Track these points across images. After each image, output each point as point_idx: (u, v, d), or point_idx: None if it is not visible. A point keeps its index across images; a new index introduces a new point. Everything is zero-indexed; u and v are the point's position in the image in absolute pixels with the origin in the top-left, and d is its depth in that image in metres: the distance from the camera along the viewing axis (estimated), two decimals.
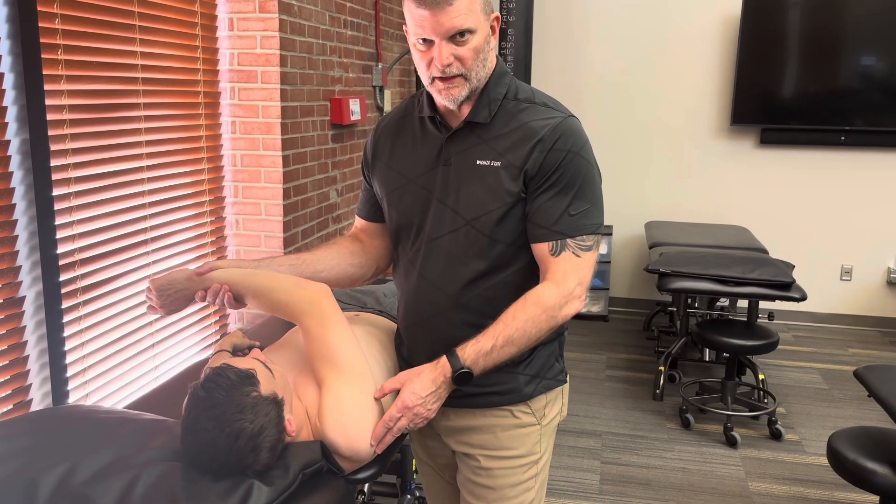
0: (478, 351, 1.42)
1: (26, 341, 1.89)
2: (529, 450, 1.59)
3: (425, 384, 1.43)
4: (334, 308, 1.57)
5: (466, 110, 1.48)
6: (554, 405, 1.62)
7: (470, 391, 1.55)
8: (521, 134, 1.45)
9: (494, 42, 1.47)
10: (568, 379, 1.67)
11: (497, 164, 1.45)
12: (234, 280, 1.58)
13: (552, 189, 1.43)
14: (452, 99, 1.43)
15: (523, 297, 1.44)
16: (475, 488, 1.61)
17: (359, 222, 1.74)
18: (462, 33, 1.37)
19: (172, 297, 1.61)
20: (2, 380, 1.81)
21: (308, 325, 1.54)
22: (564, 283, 1.43)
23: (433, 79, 1.42)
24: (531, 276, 1.51)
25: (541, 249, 1.45)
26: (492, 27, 1.44)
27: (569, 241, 1.43)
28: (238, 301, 1.60)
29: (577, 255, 1.44)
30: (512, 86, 1.50)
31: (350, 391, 1.46)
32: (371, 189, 1.67)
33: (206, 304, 1.62)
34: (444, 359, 1.44)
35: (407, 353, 1.63)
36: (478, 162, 1.46)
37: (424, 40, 1.39)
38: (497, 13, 1.45)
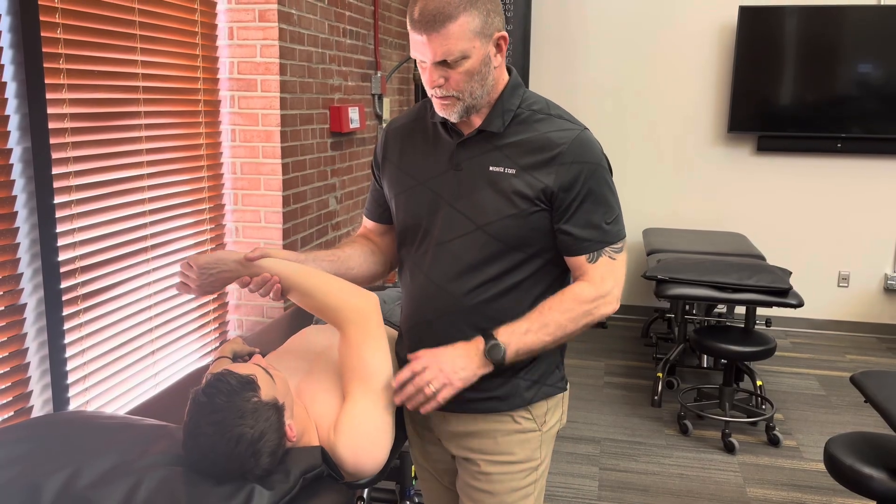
0: (511, 331, 1.46)
1: (27, 348, 1.90)
2: (529, 455, 1.60)
3: (457, 350, 1.47)
4: (379, 322, 1.58)
5: (478, 120, 1.50)
6: (554, 412, 1.63)
7: (471, 396, 1.56)
8: (538, 144, 1.47)
9: (500, 60, 1.47)
10: (568, 387, 1.69)
11: (511, 171, 1.47)
12: (286, 274, 1.55)
13: (585, 202, 1.47)
14: (447, 115, 1.47)
15: (560, 293, 1.49)
16: (474, 493, 1.62)
17: (368, 223, 1.76)
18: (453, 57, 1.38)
19: (214, 276, 1.56)
20: (3, 386, 1.82)
21: (351, 335, 1.54)
22: (602, 285, 1.49)
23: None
24: (540, 282, 1.53)
25: (578, 260, 1.50)
26: (497, 45, 1.44)
27: (606, 248, 1.49)
28: (283, 294, 1.57)
29: (613, 259, 1.50)
30: (526, 97, 1.53)
31: (372, 411, 1.46)
32: (381, 190, 1.68)
33: (243, 289, 1.57)
34: (477, 337, 1.48)
35: (407, 356, 1.64)
36: (491, 168, 1.48)
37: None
38: (504, 33, 1.44)
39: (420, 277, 1.56)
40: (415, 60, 1.46)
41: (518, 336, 1.46)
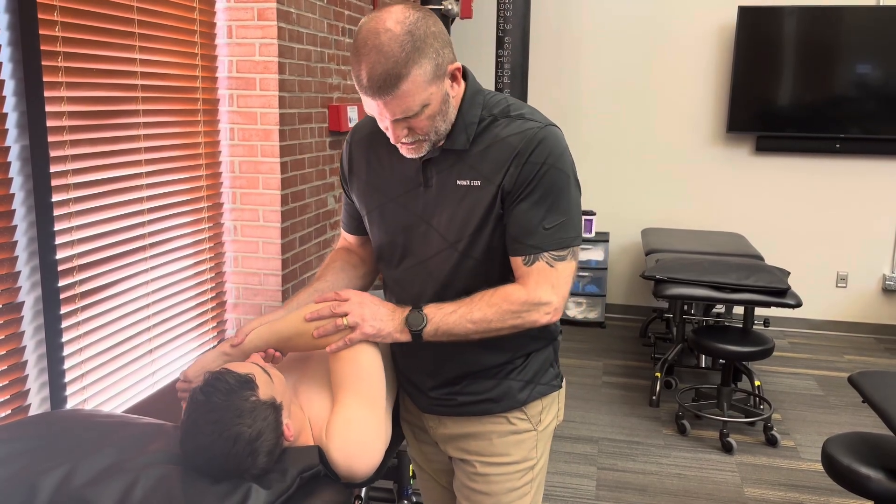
0: (438, 308, 1.44)
1: (25, 346, 1.90)
2: (525, 455, 1.60)
3: (386, 305, 1.48)
4: None
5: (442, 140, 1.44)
6: (550, 410, 1.63)
7: (464, 399, 1.56)
8: (499, 150, 1.41)
9: (456, 89, 1.39)
10: (564, 384, 1.68)
11: (477, 183, 1.42)
12: (275, 337, 1.54)
13: (526, 202, 1.40)
14: (416, 156, 1.42)
15: (495, 288, 1.43)
16: (471, 494, 1.62)
17: (348, 237, 1.71)
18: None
19: None
20: (0, 384, 1.82)
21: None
22: (535, 290, 1.42)
23: None
24: None
25: (516, 262, 1.44)
26: (453, 76, 1.37)
27: (543, 253, 1.41)
28: (284, 353, 1.57)
29: (551, 266, 1.42)
30: (486, 102, 1.45)
31: (363, 415, 1.46)
32: (353, 203, 1.64)
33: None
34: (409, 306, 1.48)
35: (404, 366, 1.64)
36: (458, 182, 1.44)
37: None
38: (457, 63, 1.37)
39: (403, 295, 1.55)
40: None
41: (443, 314, 1.43)
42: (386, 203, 1.52)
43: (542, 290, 1.42)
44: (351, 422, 1.44)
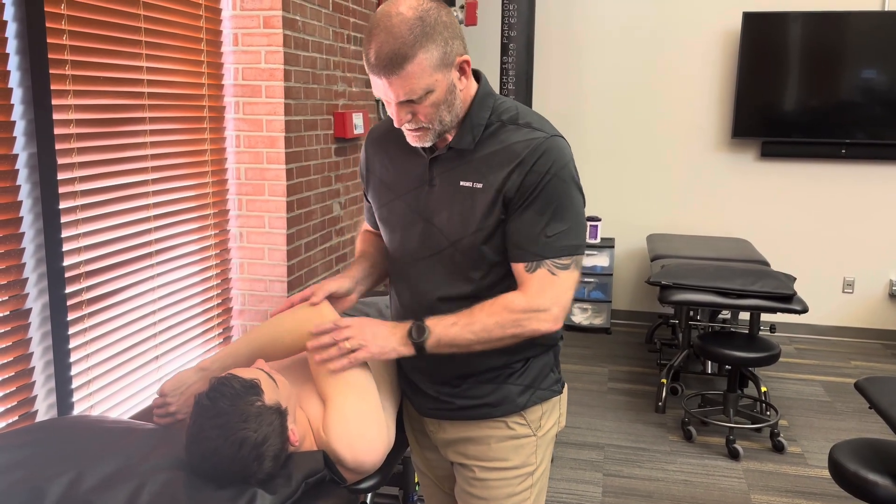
0: (439, 320, 1.45)
1: (32, 353, 1.90)
2: (525, 461, 1.60)
3: (385, 324, 1.49)
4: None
5: (450, 137, 1.47)
6: (551, 415, 1.63)
7: (463, 404, 1.56)
8: (503, 156, 1.43)
9: (465, 81, 1.43)
10: (566, 389, 1.68)
11: (479, 185, 1.44)
12: (245, 350, 1.58)
13: (529, 210, 1.42)
14: (420, 144, 1.45)
15: (495, 298, 1.45)
16: (470, 499, 1.62)
17: (370, 228, 1.79)
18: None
19: (186, 394, 1.58)
20: (7, 391, 1.83)
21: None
22: (537, 298, 1.43)
23: None
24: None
25: (518, 268, 1.45)
26: (461, 69, 1.40)
27: (545, 261, 1.43)
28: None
29: (553, 273, 1.43)
30: (496, 107, 1.48)
31: (354, 405, 1.47)
32: (370, 202, 1.69)
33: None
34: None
35: (407, 366, 1.65)
36: (461, 183, 1.46)
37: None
38: (465, 56, 1.40)
39: (405, 292, 1.57)
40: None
41: (444, 326, 1.44)
42: (394, 200, 1.56)
43: (544, 297, 1.43)
44: (346, 414, 1.45)
